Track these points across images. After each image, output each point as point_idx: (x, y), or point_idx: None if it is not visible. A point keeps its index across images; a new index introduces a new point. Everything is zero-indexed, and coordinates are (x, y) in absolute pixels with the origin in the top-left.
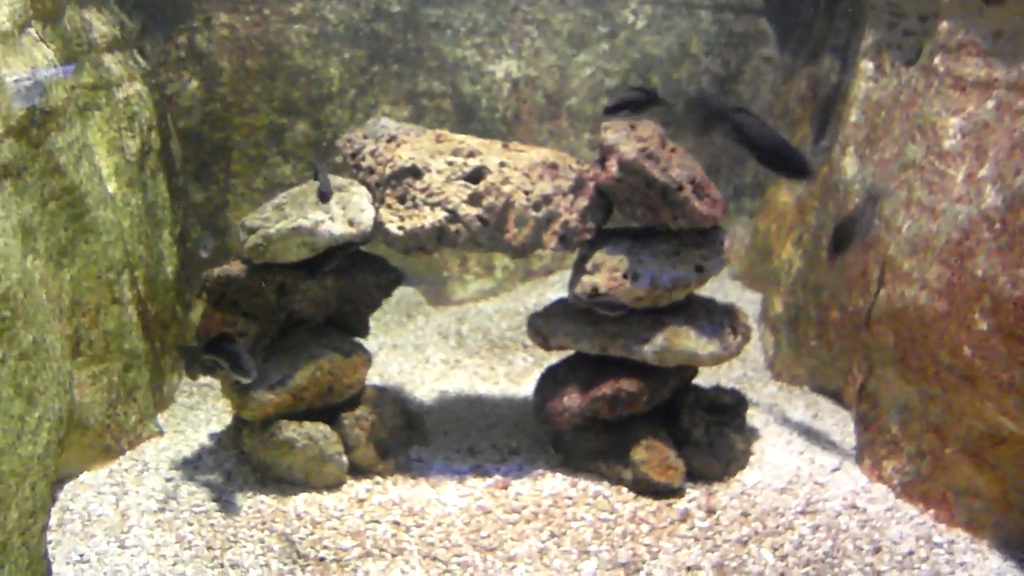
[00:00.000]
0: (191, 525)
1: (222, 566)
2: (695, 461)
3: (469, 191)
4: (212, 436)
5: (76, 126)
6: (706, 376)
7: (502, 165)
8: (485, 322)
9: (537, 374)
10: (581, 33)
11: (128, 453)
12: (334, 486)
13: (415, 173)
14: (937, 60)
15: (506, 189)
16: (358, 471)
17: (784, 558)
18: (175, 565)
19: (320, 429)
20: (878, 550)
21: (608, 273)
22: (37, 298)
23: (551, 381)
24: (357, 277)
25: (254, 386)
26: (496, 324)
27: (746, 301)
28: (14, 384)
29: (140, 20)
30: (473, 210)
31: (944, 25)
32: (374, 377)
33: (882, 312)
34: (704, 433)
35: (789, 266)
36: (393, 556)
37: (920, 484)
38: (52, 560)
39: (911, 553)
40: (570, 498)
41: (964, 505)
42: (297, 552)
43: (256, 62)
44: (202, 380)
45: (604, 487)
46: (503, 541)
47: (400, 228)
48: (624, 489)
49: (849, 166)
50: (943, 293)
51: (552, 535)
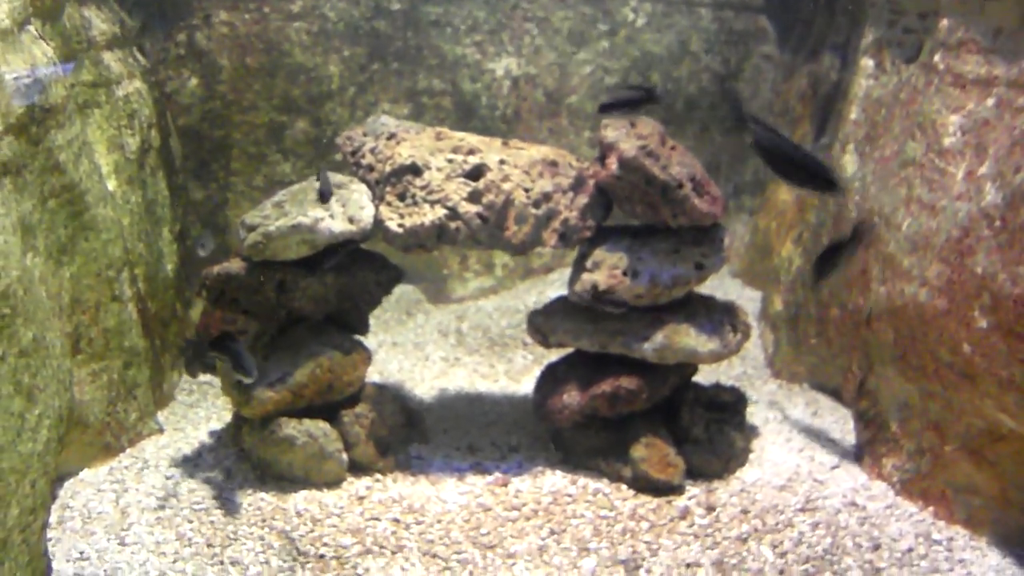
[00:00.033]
0: (191, 522)
1: (222, 563)
2: (695, 458)
3: (469, 189)
4: (212, 434)
5: (76, 124)
6: (706, 374)
7: (502, 163)
8: (485, 320)
9: (537, 372)
10: (581, 31)
11: (128, 451)
12: (334, 483)
13: (415, 171)
14: (937, 57)
15: (506, 187)
16: (358, 468)
17: (784, 555)
18: (175, 562)
19: (320, 426)
20: (877, 547)
21: (608, 271)
22: (37, 295)
23: (551, 379)
24: (357, 275)
25: (254, 384)
26: (496, 322)
27: (746, 299)
28: (14, 381)
29: (140, 18)
30: (473, 208)
31: (944, 22)
32: (374, 375)
33: (882, 309)
34: (704, 431)
35: (789, 264)
36: (393, 553)
37: (919, 481)
38: (52, 557)
39: (910, 550)
40: (570, 495)
41: (963, 502)
42: (297, 549)
43: (256, 60)
44: (202, 378)
45: (604, 484)
46: (503, 538)
47: (400, 226)
48: (624, 486)
49: (849, 164)
50: (943, 291)
51: (552, 532)
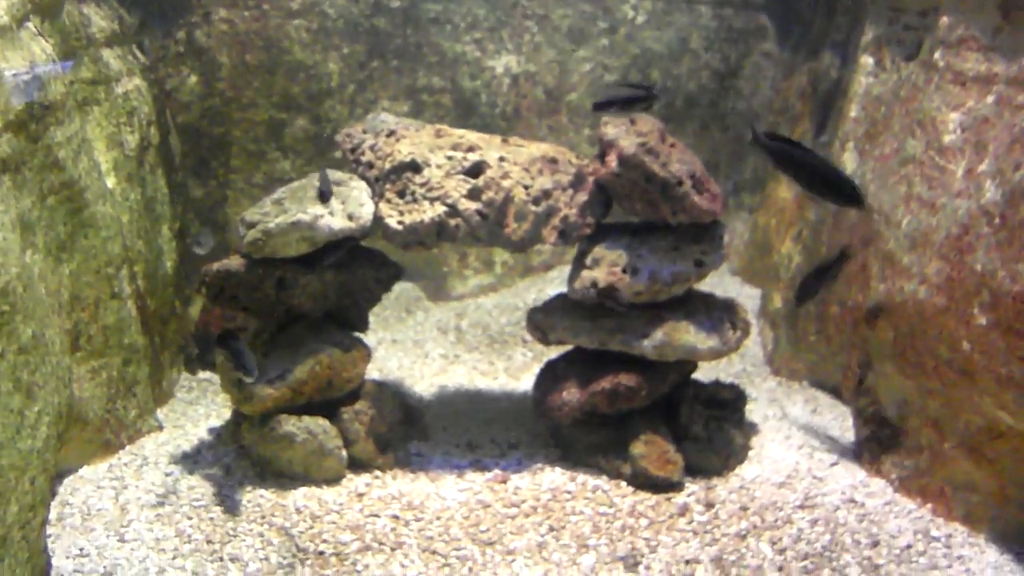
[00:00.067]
0: (191, 519)
1: (221, 560)
2: (694, 455)
3: (469, 186)
4: (211, 431)
5: (75, 121)
6: (705, 371)
7: (502, 160)
8: (484, 317)
9: (536, 369)
10: (581, 28)
11: (128, 448)
12: (333, 480)
13: (415, 168)
14: (937, 55)
15: (506, 184)
16: (357, 465)
17: (782, 552)
18: (175, 559)
19: (319, 423)
20: (876, 544)
21: (607, 268)
22: (36, 293)
23: (550, 376)
24: (356, 272)
25: (254, 381)
26: (495, 319)
27: (745, 296)
28: (13, 378)
29: (139, 15)
30: (472, 205)
31: (944, 20)
32: (373, 372)
33: (881, 307)
34: (703, 428)
35: (788, 261)
36: (392, 550)
37: (918, 478)
38: (52, 554)
39: (909, 547)
40: (569, 492)
41: (962, 499)
42: (296, 546)
43: (255, 57)
44: (201, 375)
45: (603, 481)
46: (502, 535)
47: (400, 223)
48: (623, 483)
49: (849, 161)
50: (942, 288)
51: (551, 529)
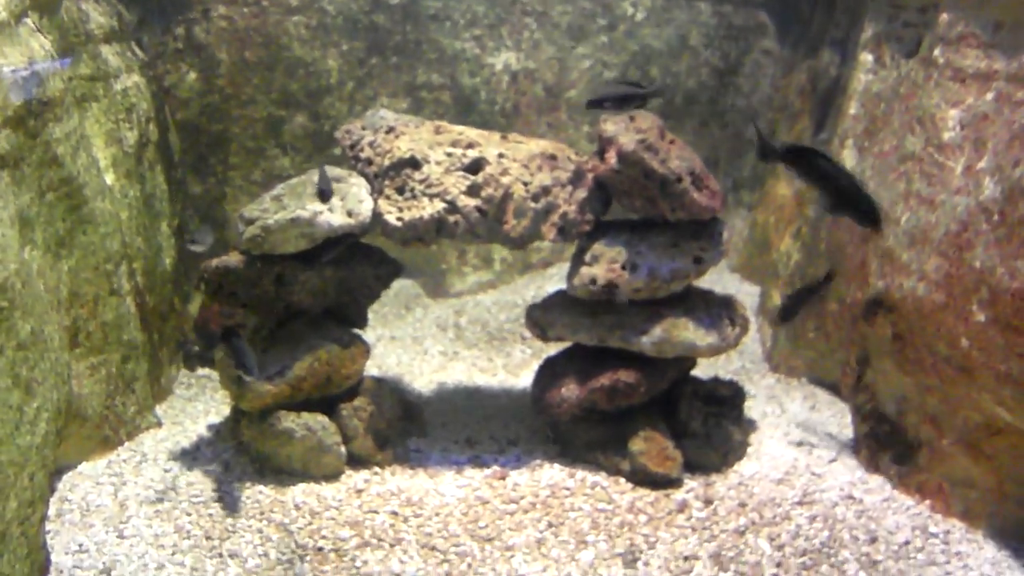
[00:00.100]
0: (190, 515)
1: (220, 556)
2: (693, 452)
3: (468, 182)
4: (210, 427)
5: (74, 117)
6: (704, 368)
7: (501, 156)
8: (483, 314)
9: (535, 366)
10: (580, 25)
11: (126, 444)
12: (332, 476)
13: (414, 164)
14: (937, 52)
15: (505, 180)
16: (356, 461)
17: (781, 548)
18: (174, 555)
19: (318, 420)
20: (874, 540)
21: (607, 264)
22: (35, 289)
23: (549, 372)
24: (356, 268)
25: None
26: (494, 316)
27: (744, 293)
28: (12, 374)
29: (138, 11)
30: (472, 201)
31: (944, 17)
32: (372, 369)
33: (881, 303)
34: (702, 424)
35: (787, 258)
36: (391, 546)
37: (917, 475)
38: (51, 550)
39: (907, 543)
40: (568, 488)
41: (960, 495)
42: (295, 542)
43: (254, 54)
44: (200, 372)
45: (602, 478)
46: (501, 531)
47: (399, 219)
48: (622, 480)
49: (848, 158)
50: (941, 285)
51: (550, 525)
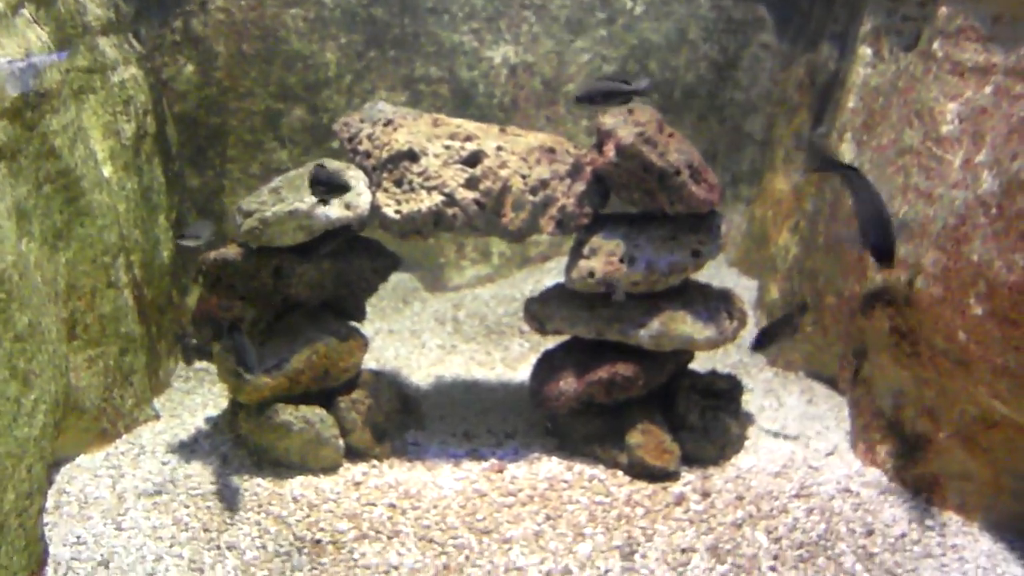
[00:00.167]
0: (188, 507)
1: (218, 548)
2: (690, 445)
3: (466, 175)
4: (208, 420)
5: (71, 109)
6: (702, 361)
7: (499, 149)
8: (481, 308)
9: (533, 359)
10: (579, 19)
11: (125, 436)
12: (330, 469)
13: (412, 157)
14: (936, 45)
15: (503, 173)
16: (354, 454)
17: (778, 540)
18: (172, 547)
19: (316, 412)
20: (871, 533)
21: (605, 258)
22: (32, 281)
23: (547, 366)
24: (353, 261)
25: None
26: (492, 310)
27: (742, 288)
28: (10, 366)
29: (135, 3)
30: (470, 194)
31: (943, 10)
32: (370, 362)
33: (881, 297)
34: (699, 418)
35: (785, 252)
36: (389, 538)
37: (913, 468)
38: (49, 542)
39: (903, 535)
40: (566, 481)
41: (956, 488)
42: (293, 534)
43: (252, 46)
44: (198, 365)
45: (600, 471)
46: (499, 524)
47: (397, 212)
48: (620, 473)
49: (846, 152)
50: (939, 278)
51: (548, 518)
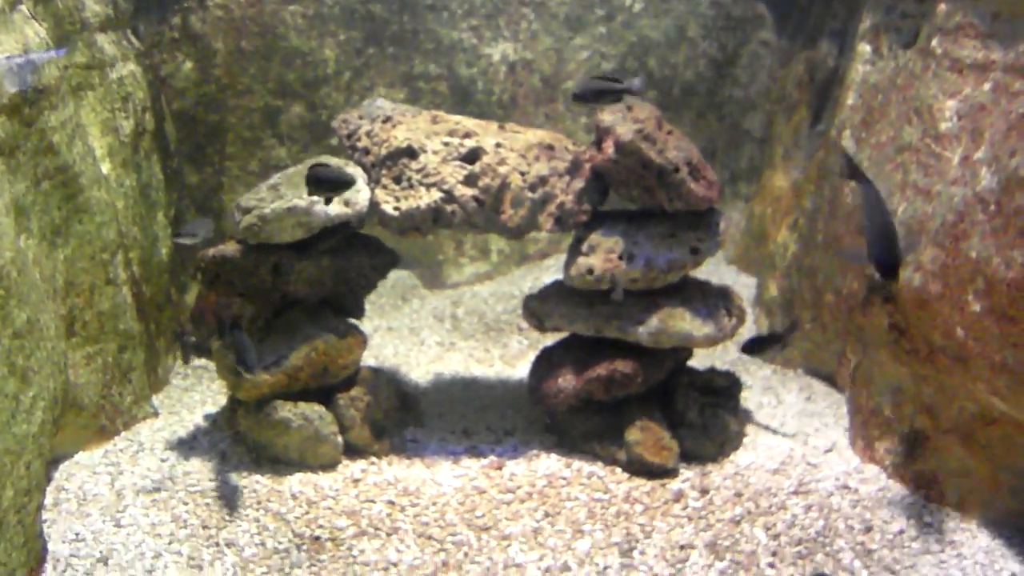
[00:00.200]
0: (186, 504)
1: (217, 545)
2: (689, 442)
3: (465, 172)
4: (207, 417)
5: (69, 106)
6: (701, 358)
7: (498, 146)
8: (480, 305)
9: (532, 356)
10: (578, 16)
11: (123, 434)
12: (329, 466)
13: (411, 154)
14: (935, 42)
15: (502, 170)
16: (353, 451)
17: (776, 537)
18: (171, 544)
19: (315, 409)
20: (869, 529)
21: (604, 255)
22: (31, 278)
23: (546, 363)
24: (352, 258)
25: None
26: (491, 307)
27: (741, 285)
28: (8, 363)
29: (134, 0)
30: (469, 191)
31: (942, 7)
32: (369, 359)
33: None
34: (698, 415)
35: (784, 250)
36: (388, 535)
37: (911, 464)
38: (48, 538)
39: (902, 532)
40: (564, 478)
41: (954, 485)
42: (292, 531)
43: (251, 43)
44: (196, 362)
45: (598, 467)
46: (498, 520)
47: (396, 209)
48: (618, 470)
49: (845, 149)
50: (937, 275)
51: (546, 515)
